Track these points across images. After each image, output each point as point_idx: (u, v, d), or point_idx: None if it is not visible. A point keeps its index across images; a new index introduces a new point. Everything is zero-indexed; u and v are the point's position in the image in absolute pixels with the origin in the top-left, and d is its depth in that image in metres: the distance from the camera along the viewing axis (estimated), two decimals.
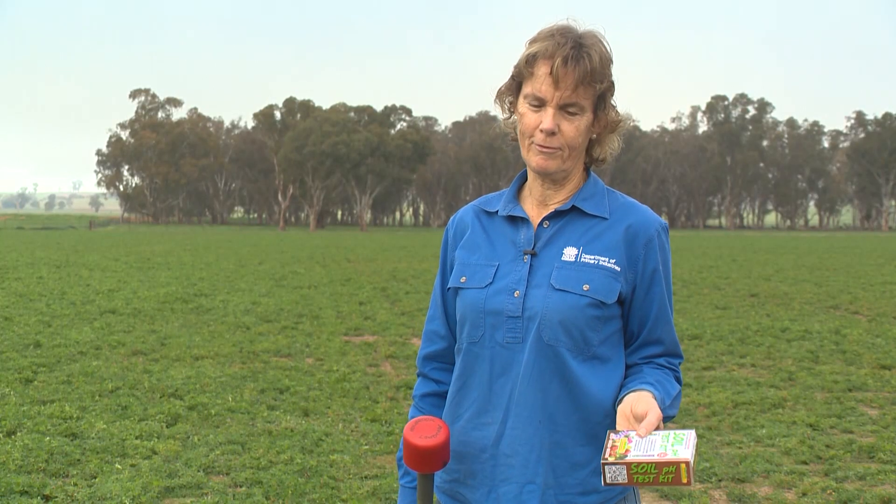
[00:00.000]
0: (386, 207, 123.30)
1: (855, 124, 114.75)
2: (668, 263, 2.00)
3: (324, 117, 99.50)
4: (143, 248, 38.97)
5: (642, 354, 1.97)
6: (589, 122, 1.92)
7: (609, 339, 1.94)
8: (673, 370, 1.98)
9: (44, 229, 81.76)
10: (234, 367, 9.10)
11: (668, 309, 1.98)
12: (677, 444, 1.70)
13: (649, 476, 1.68)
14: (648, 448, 1.70)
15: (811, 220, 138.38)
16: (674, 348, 1.99)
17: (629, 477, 1.69)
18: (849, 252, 40.39)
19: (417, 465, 1.91)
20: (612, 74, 1.93)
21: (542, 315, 1.90)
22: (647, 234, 1.95)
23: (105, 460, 5.65)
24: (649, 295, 1.95)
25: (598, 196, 2.00)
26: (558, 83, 1.87)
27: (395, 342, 10.97)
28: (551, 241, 1.97)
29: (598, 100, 1.92)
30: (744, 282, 21.20)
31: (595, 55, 1.87)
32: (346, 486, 5.25)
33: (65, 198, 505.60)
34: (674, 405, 1.92)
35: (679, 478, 1.66)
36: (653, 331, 1.96)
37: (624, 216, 1.97)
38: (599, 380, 1.91)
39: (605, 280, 1.91)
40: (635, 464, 1.68)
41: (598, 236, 1.95)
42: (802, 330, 12.14)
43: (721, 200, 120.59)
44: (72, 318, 12.80)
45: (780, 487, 5.37)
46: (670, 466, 1.66)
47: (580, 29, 1.92)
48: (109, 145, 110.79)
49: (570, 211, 1.98)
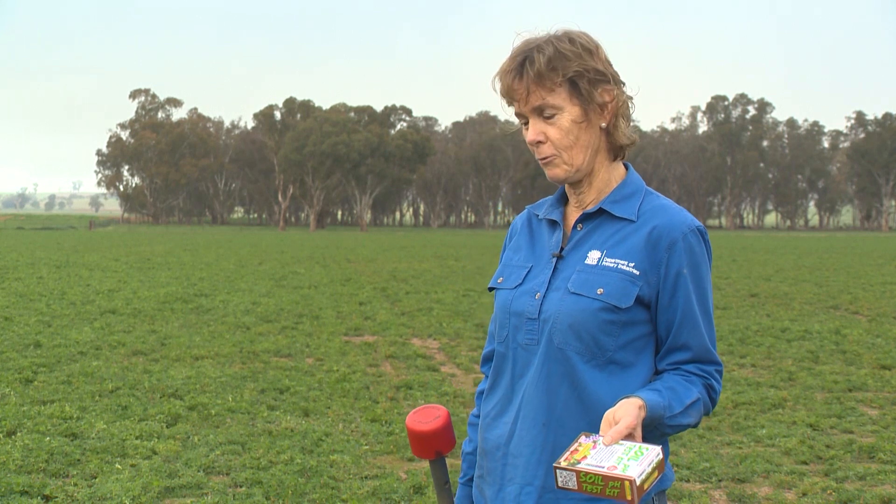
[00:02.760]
0: (386, 207, 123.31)
1: (855, 124, 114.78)
2: (700, 267, 1.91)
3: (324, 117, 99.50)
4: (143, 248, 38.97)
5: (669, 360, 1.92)
6: (575, 117, 1.89)
7: (631, 345, 1.90)
8: (703, 377, 1.91)
9: (44, 229, 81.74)
10: (234, 367, 9.10)
11: (697, 314, 1.90)
12: (633, 459, 1.62)
13: (597, 487, 1.61)
14: (605, 458, 1.63)
15: (811, 221, 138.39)
16: (704, 354, 1.92)
17: (578, 484, 1.62)
18: (849, 252, 40.39)
19: (415, 450, 1.96)
20: (584, 63, 1.87)
21: (554, 318, 1.89)
22: (671, 236, 1.88)
23: (105, 460, 5.65)
24: (674, 299, 1.89)
25: (632, 198, 1.95)
26: (513, 96, 1.90)
27: (396, 342, 10.97)
28: (579, 245, 1.95)
29: (573, 91, 1.88)
30: (744, 282, 21.20)
31: (544, 55, 1.86)
32: (346, 487, 5.25)
33: (65, 198, 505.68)
34: (688, 413, 1.85)
35: (623, 494, 1.58)
36: (678, 336, 1.90)
37: (651, 219, 1.91)
38: (614, 386, 1.87)
39: (621, 284, 1.87)
40: (584, 473, 1.61)
41: (623, 240, 1.91)
42: (802, 330, 12.14)
43: (721, 200, 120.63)
44: (72, 319, 12.80)
45: (781, 487, 5.37)
46: (615, 482, 1.58)
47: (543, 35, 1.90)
48: (109, 145, 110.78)
49: (600, 214, 1.96)
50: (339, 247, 43.80)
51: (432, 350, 10.62)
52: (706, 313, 1.93)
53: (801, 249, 43.78)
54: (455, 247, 44.65)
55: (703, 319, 1.92)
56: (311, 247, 43.40)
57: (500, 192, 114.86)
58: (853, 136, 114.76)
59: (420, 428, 1.91)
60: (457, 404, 7.52)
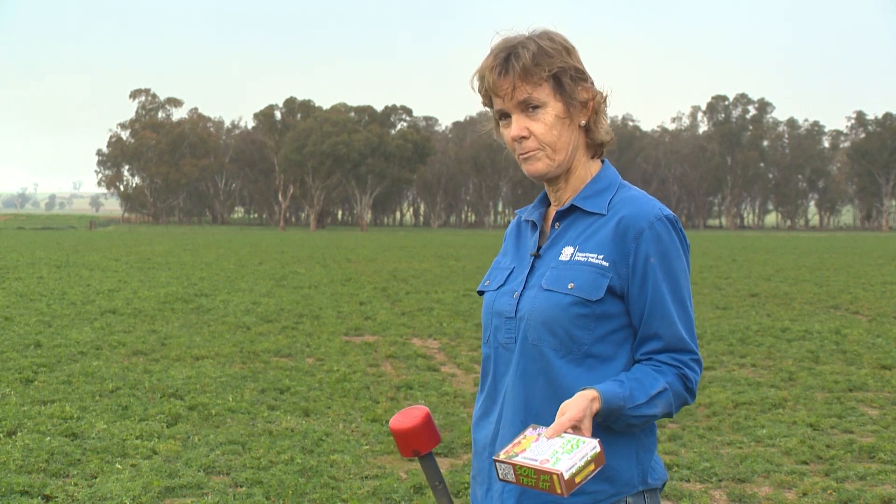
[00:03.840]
0: (386, 207, 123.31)
1: (855, 124, 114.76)
2: (669, 255, 1.89)
3: (324, 117, 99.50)
4: (144, 248, 38.97)
5: (642, 351, 1.91)
6: (558, 113, 1.91)
7: (609, 338, 1.90)
8: (675, 367, 1.88)
9: (44, 229, 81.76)
10: (234, 367, 9.10)
11: (668, 302, 1.88)
12: (566, 452, 1.61)
13: (531, 480, 1.59)
14: (542, 451, 1.62)
15: (811, 220, 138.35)
16: (678, 343, 1.89)
17: (516, 477, 1.62)
18: (849, 252, 40.38)
19: (399, 449, 1.96)
20: (565, 60, 1.91)
21: (528, 315, 1.92)
22: (638, 226, 1.89)
23: (105, 460, 5.65)
24: (643, 289, 1.88)
25: (605, 192, 1.97)
26: (497, 92, 1.92)
27: (396, 342, 10.97)
28: (555, 242, 1.98)
29: (556, 88, 1.91)
30: (744, 282, 21.20)
31: (528, 51, 1.88)
32: (346, 486, 5.25)
33: (65, 198, 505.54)
34: (653, 404, 1.83)
35: (553, 488, 1.57)
36: (649, 326, 1.89)
37: (619, 210, 1.92)
38: (594, 379, 1.87)
39: (591, 277, 1.88)
40: (519, 466, 1.61)
41: (594, 233, 1.93)
42: (803, 330, 12.14)
43: (721, 200, 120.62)
44: (72, 318, 12.80)
45: (781, 487, 5.37)
46: (546, 475, 1.57)
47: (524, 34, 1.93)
48: (110, 145, 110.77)
49: (572, 210, 1.98)
50: (339, 247, 43.81)
51: (432, 350, 10.62)
52: (679, 301, 1.90)
53: (802, 249, 43.77)
54: (455, 247, 44.65)
55: (675, 308, 1.90)
56: (312, 247, 43.40)
57: (500, 192, 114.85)
58: (853, 135, 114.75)
59: (396, 427, 1.93)
60: (457, 404, 7.52)
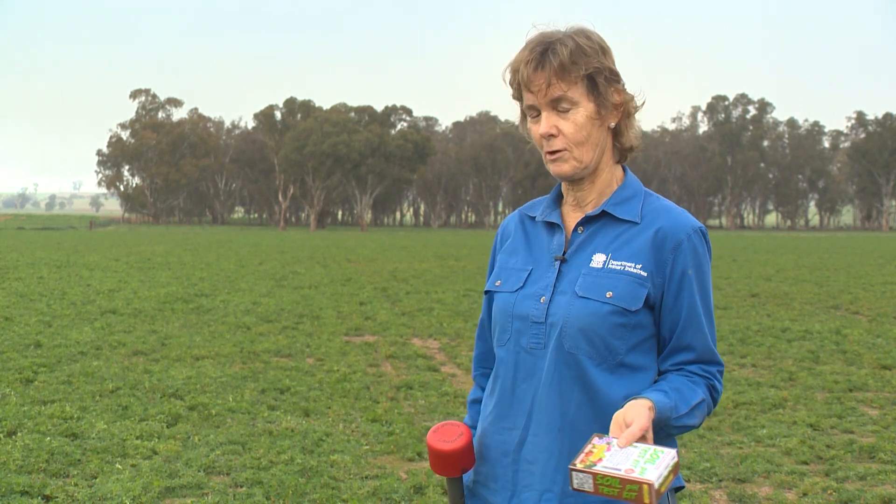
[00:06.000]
0: (386, 207, 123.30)
1: (855, 124, 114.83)
2: (703, 267, 1.92)
3: (324, 117, 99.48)
4: (144, 248, 38.97)
5: (673, 361, 1.91)
6: (590, 114, 1.89)
7: (640, 347, 1.90)
8: (706, 378, 1.91)
9: (44, 229, 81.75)
10: (234, 367, 9.10)
11: (701, 314, 1.91)
12: (649, 462, 1.62)
13: (614, 490, 1.61)
14: (622, 460, 1.63)
15: (811, 221, 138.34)
16: (708, 356, 1.92)
17: (595, 487, 1.62)
18: (849, 252, 40.38)
19: (437, 468, 1.95)
20: (601, 61, 1.88)
21: (563, 322, 1.88)
22: (677, 237, 1.89)
23: (105, 460, 5.65)
24: (678, 300, 1.89)
25: (633, 200, 1.95)
26: (531, 86, 1.88)
27: (396, 342, 10.97)
28: (582, 247, 1.94)
29: (591, 88, 1.88)
30: (744, 282, 21.20)
31: (566, 48, 1.85)
32: (346, 487, 5.25)
33: (65, 198, 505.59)
34: (693, 414, 1.85)
35: (641, 498, 1.58)
36: (682, 337, 1.90)
37: (654, 220, 1.91)
38: (625, 388, 1.87)
39: (630, 286, 1.87)
40: (601, 475, 1.61)
41: (627, 242, 1.91)
42: (803, 330, 12.14)
43: (721, 200, 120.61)
44: (72, 319, 12.80)
45: (781, 487, 5.37)
46: (633, 485, 1.58)
47: (561, 30, 1.90)
48: (110, 145, 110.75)
49: (602, 216, 1.95)
50: (339, 247, 43.80)
51: (433, 350, 10.62)
52: (709, 314, 1.93)
53: (802, 249, 43.77)
54: (455, 247, 44.65)
55: (706, 320, 1.92)
56: (312, 247, 43.40)
57: (500, 192, 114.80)
58: (853, 135, 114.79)
59: (442, 448, 1.91)
60: (457, 404, 7.52)
